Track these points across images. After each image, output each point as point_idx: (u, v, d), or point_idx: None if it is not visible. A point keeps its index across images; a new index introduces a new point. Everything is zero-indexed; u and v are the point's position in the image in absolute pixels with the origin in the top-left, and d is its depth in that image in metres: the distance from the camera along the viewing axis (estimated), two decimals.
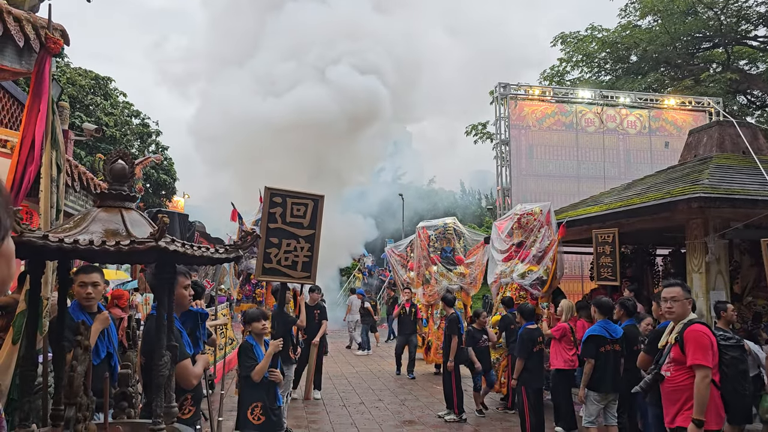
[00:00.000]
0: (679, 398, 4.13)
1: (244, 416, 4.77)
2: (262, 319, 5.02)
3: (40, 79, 4.43)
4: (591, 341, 6.33)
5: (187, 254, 2.27)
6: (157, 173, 25.26)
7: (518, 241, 10.27)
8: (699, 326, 4.18)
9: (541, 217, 10.10)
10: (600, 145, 15.93)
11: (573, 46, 24.05)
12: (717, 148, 10.14)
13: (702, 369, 4.02)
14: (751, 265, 9.60)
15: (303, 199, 5.16)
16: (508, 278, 10.05)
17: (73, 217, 2.50)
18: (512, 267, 10.05)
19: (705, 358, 4.03)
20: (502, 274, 10.25)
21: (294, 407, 9.29)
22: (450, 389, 8.72)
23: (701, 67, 23.13)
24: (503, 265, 10.37)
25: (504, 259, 10.48)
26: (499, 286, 10.31)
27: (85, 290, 3.97)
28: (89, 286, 3.98)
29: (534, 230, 10.07)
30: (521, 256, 10.06)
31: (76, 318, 3.79)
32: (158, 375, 2.40)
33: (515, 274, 9.85)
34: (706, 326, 4.22)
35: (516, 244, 10.31)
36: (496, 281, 10.40)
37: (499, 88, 15.71)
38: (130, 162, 2.64)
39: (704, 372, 4.01)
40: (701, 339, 4.07)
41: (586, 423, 6.43)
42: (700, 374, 4.01)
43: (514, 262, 10.10)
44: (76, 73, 23.83)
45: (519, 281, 9.76)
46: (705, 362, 4.02)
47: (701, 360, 4.03)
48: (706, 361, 4.02)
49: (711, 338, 4.09)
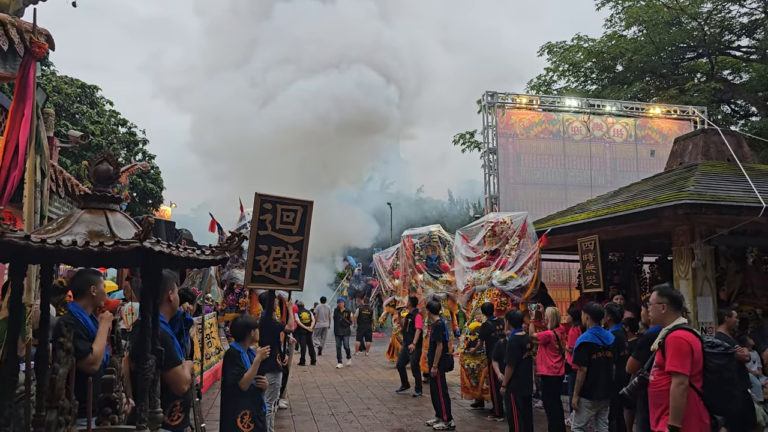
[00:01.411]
0: (662, 402, 4.13)
1: (233, 424, 4.72)
2: (252, 328, 5.00)
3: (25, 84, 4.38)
4: (583, 348, 6.34)
5: (173, 255, 2.24)
6: (144, 182, 25.09)
7: (493, 248, 10.40)
8: (681, 332, 4.15)
9: (514, 226, 10.30)
10: (587, 154, 16.02)
11: (559, 56, 24.23)
12: (702, 156, 10.23)
13: (677, 376, 4.02)
14: (737, 271, 9.67)
15: (293, 205, 5.14)
16: (484, 285, 10.09)
17: (56, 220, 2.46)
18: (488, 274, 10.11)
19: (681, 365, 4.03)
20: (476, 281, 10.27)
21: (281, 416, 9.21)
22: (437, 396, 8.69)
23: (686, 76, 23.40)
24: (475, 272, 10.43)
25: (475, 266, 10.57)
26: (473, 293, 10.31)
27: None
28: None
29: (509, 239, 10.24)
30: (498, 263, 10.15)
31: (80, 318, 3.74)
32: (143, 379, 2.36)
33: (495, 281, 9.91)
34: (690, 332, 4.16)
35: (490, 252, 10.42)
36: (468, 288, 10.41)
37: (486, 97, 15.77)
38: (115, 164, 2.60)
39: (679, 379, 4.02)
40: (680, 345, 4.07)
41: (575, 429, 6.42)
42: (675, 381, 4.03)
43: (489, 270, 10.18)
44: (62, 82, 23.67)
45: (501, 287, 9.82)
46: (681, 369, 4.02)
47: (677, 367, 4.04)
48: (682, 368, 4.02)
49: (692, 345, 4.05)
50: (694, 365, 4.04)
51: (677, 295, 4.38)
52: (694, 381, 4.05)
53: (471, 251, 10.80)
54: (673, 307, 4.30)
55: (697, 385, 4.05)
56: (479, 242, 10.74)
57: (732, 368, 4.03)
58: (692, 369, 4.03)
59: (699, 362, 4.05)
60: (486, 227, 10.64)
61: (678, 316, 4.30)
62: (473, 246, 10.85)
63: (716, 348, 4.05)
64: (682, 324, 4.23)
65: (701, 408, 4.02)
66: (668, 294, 4.35)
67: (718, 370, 3.98)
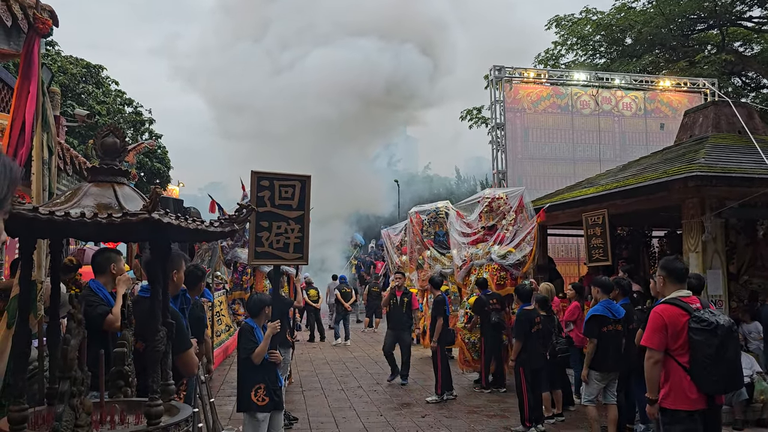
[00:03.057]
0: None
1: (248, 398, 4.78)
2: (266, 305, 5.05)
3: (29, 61, 4.35)
4: (594, 321, 6.34)
5: (181, 227, 2.23)
6: (151, 161, 25.12)
7: (491, 224, 10.45)
8: (660, 306, 4.16)
9: (510, 202, 10.36)
10: (595, 128, 15.87)
11: (568, 29, 23.89)
12: (713, 128, 10.11)
13: (648, 350, 4.10)
14: (747, 244, 9.62)
15: (290, 181, 5.16)
16: (482, 260, 10.11)
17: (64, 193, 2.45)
18: (487, 249, 10.14)
19: (650, 339, 4.08)
20: (473, 256, 10.28)
21: (291, 391, 9.29)
22: (436, 370, 8.93)
23: (696, 48, 23.03)
24: (472, 248, 10.44)
25: (471, 242, 10.61)
26: (470, 268, 10.32)
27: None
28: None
29: (506, 214, 10.32)
30: (497, 238, 10.22)
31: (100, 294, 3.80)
32: (154, 351, 2.37)
33: (494, 255, 9.97)
34: (674, 306, 4.09)
35: (487, 228, 10.47)
36: (467, 263, 10.41)
37: (494, 71, 15.61)
38: (121, 137, 2.59)
39: (649, 353, 4.10)
40: (654, 320, 4.11)
41: (585, 401, 6.45)
42: (646, 355, 4.11)
43: (488, 245, 10.24)
44: (67, 62, 23.60)
45: (500, 261, 9.89)
46: (649, 343, 4.08)
47: (646, 341, 4.12)
48: (651, 342, 4.08)
49: (667, 319, 4.03)
50: (672, 339, 4.02)
51: (677, 267, 4.30)
52: (678, 355, 4.03)
53: (466, 227, 10.87)
54: (671, 280, 4.25)
55: (681, 359, 4.03)
56: (476, 218, 10.76)
57: (712, 344, 3.91)
58: (671, 343, 4.03)
59: (680, 336, 4.02)
60: (482, 203, 10.65)
61: (678, 288, 4.23)
62: (469, 222, 10.90)
63: (700, 323, 3.97)
64: (671, 298, 4.17)
65: (687, 383, 4.00)
66: (666, 267, 4.31)
67: (697, 346, 3.95)
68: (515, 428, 7.13)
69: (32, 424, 2.41)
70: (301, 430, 7.30)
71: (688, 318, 4.03)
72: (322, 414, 8.09)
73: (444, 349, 9.09)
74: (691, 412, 4.01)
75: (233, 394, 8.54)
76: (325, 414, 8.09)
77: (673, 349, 4.05)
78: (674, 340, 4.03)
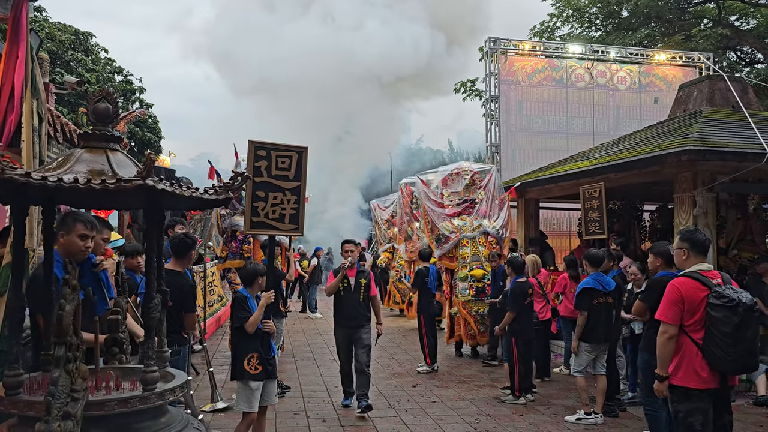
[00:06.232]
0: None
1: (241, 366, 4.81)
2: (260, 275, 5.05)
3: (17, 25, 4.27)
4: (584, 294, 6.39)
5: (176, 194, 2.21)
6: (142, 131, 24.82)
7: (471, 198, 10.52)
8: (679, 279, 3.98)
9: (482, 176, 10.57)
10: (589, 101, 15.81)
11: (564, 1, 23.66)
12: (707, 103, 10.10)
13: (662, 324, 3.94)
14: (737, 219, 9.70)
15: (287, 151, 5.12)
16: (475, 232, 10.12)
17: (56, 159, 2.42)
18: (473, 222, 10.25)
19: (665, 313, 3.92)
20: (462, 229, 10.21)
21: (283, 360, 9.36)
22: (422, 340, 9.16)
23: (692, 22, 22.87)
24: (457, 219, 10.40)
25: (451, 214, 10.51)
26: (460, 241, 10.21)
27: (85, 243, 3.35)
28: (90, 239, 3.39)
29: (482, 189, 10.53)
30: (480, 212, 10.35)
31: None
32: (149, 317, 2.37)
33: (489, 229, 10.13)
34: (694, 280, 3.92)
35: (470, 201, 10.53)
36: (457, 235, 10.23)
37: (489, 43, 15.46)
38: (114, 102, 2.55)
39: (663, 327, 3.93)
40: (670, 293, 3.94)
41: (574, 372, 6.54)
42: (660, 329, 3.95)
43: (471, 218, 10.33)
44: (55, 28, 23.12)
45: (495, 234, 10.10)
46: (664, 318, 3.92)
47: (661, 315, 3.95)
48: (665, 316, 3.91)
49: (684, 293, 3.87)
50: (688, 314, 3.86)
51: (700, 239, 4.07)
52: (692, 331, 3.88)
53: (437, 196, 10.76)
54: (694, 252, 4.05)
55: (696, 336, 3.86)
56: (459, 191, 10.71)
57: (731, 323, 3.73)
58: (686, 318, 3.87)
59: (697, 311, 3.84)
60: (463, 176, 10.61)
61: (700, 260, 4.04)
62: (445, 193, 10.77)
63: (721, 299, 3.78)
64: (691, 271, 3.99)
65: (699, 361, 3.84)
66: (689, 238, 4.07)
67: (714, 323, 3.77)
68: (505, 398, 7.23)
69: (28, 390, 2.42)
70: (293, 398, 7.38)
71: (707, 293, 3.86)
72: (315, 383, 8.17)
73: (428, 320, 9.23)
74: (701, 390, 3.87)
75: (225, 363, 8.61)
76: (317, 383, 8.17)
77: (687, 325, 3.89)
78: (690, 315, 3.87)
